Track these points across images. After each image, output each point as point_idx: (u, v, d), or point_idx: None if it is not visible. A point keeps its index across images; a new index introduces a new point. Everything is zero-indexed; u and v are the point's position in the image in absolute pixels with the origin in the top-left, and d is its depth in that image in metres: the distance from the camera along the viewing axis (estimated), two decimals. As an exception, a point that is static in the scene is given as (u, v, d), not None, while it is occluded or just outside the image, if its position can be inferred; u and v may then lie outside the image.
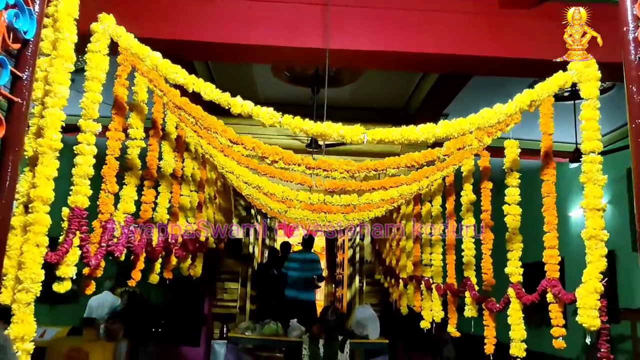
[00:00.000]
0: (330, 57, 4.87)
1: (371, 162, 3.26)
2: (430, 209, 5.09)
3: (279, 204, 4.73)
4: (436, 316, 4.79)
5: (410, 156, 3.19)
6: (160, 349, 8.17)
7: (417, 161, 3.17)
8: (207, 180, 5.54)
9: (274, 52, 4.97)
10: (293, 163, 3.16)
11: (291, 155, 3.17)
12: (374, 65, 5.69)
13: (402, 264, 5.88)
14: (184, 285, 8.21)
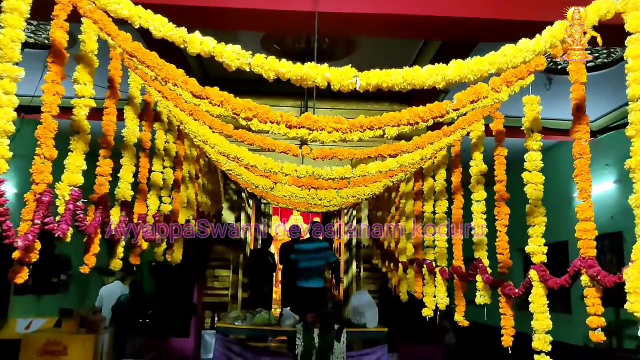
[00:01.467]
0: (320, 22, 4.24)
1: (367, 119, 2.60)
2: (433, 185, 4.44)
3: (263, 180, 4.07)
4: (441, 303, 4.14)
5: (414, 111, 2.53)
6: (148, 341, 7.54)
7: (421, 117, 2.51)
8: (185, 156, 4.88)
9: (258, 16, 4.35)
10: (271, 121, 2.50)
11: (268, 111, 2.50)
12: (368, 31, 5.02)
13: (401, 247, 5.23)
14: (172, 273, 7.64)
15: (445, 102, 2.57)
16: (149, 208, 4.06)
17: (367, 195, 4.31)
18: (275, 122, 2.48)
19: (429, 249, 4.48)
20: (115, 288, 8.41)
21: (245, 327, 6.53)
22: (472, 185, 3.64)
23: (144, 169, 3.78)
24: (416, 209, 4.78)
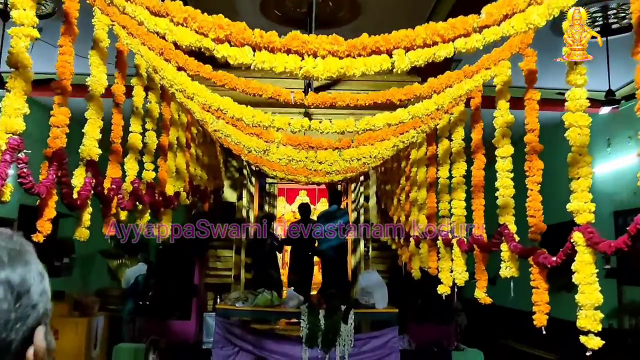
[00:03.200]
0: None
1: (370, 38, 1.99)
2: (449, 147, 3.82)
3: (254, 141, 3.48)
4: (459, 279, 3.54)
5: (431, 27, 1.92)
6: (148, 324, 7.00)
7: (440, 34, 1.90)
8: (172, 121, 4.29)
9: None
10: (248, 42, 1.90)
11: (244, 29, 1.90)
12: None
13: (412, 220, 4.63)
14: (172, 253, 7.12)
15: (470, 17, 1.95)
16: (127, 174, 3.50)
17: (374, 158, 3.69)
18: (251, 44, 1.87)
19: (444, 219, 3.88)
20: (140, 269, 8.09)
21: (246, 308, 5.99)
22: (497, 139, 3.02)
23: (117, 127, 3.20)
24: (429, 175, 4.17)
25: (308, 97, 2.69)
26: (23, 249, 0.75)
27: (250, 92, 2.60)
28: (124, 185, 3.45)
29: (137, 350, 6.22)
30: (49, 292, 0.76)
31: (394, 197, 5.46)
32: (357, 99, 2.69)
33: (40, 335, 0.72)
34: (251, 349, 5.80)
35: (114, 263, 10.16)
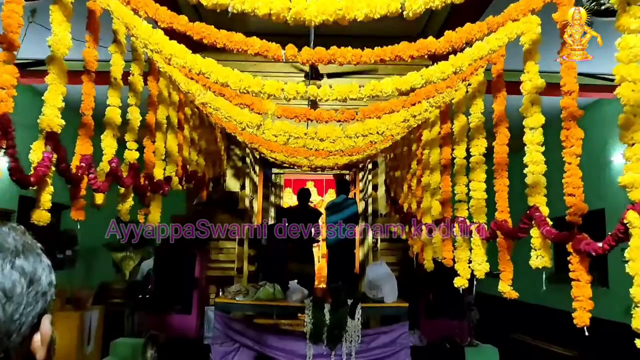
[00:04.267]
0: None
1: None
2: (466, 123, 3.34)
3: (247, 115, 3.02)
4: (478, 270, 3.06)
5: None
6: (147, 318, 6.60)
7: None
8: (161, 98, 3.85)
9: None
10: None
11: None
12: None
13: (425, 206, 4.15)
14: (172, 245, 6.71)
15: None
16: (104, 152, 3.06)
17: (382, 136, 3.20)
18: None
19: (461, 204, 3.40)
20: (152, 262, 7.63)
21: (247, 302, 5.54)
22: (525, 108, 2.53)
23: (87, 97, 2.76)
24: (444, 156, 3.69)
25: (302, 53, 2.22)
26: (34, 245, 0.79)
27: (234, 47, 2.14)
28: (101, 165, 3.02)
29: (135, 345, 5.81)
30: (54, 285, 0.79)
31: (404, 183, 4.98)
32: (361, 55, 2.21)
33: (47, 323, 0.76)
34: (252, 345, 5.37)
35: (118, 256, 9.78)
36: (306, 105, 4.65)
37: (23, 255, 0.73)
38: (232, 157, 7.24)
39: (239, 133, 3.77)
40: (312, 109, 3.54)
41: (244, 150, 7.04)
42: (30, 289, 0.72)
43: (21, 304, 0.70)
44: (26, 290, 0.71)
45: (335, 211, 7.17)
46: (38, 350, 0.74)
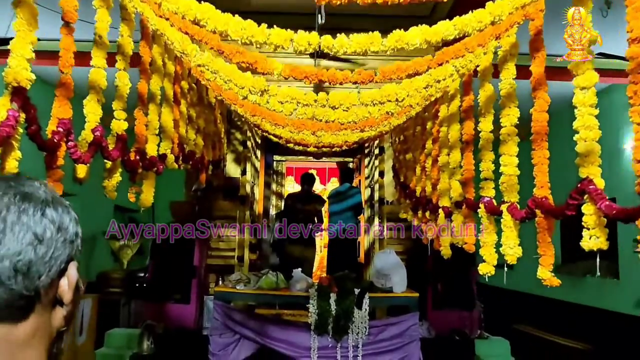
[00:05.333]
0: None
1: None
2: (493, 92, 2.94)
3: (249, 79, 2.59)
4: (510, 254, 2.66)
5: None
6: (144, 308, 6.20)
7: None
8: (154, 66, 3.44)
9: None
10: None
11: None
12: None
13: (442, 188, 3.74)
14: (170, 232, 6.31)
15: None
16: (87, 119, 2.65)
17: (400, 104, 2.76)
18: None
19: (487, 183, 2.99)
20: None
21: (248, 291, 5.15)
22: (574, 64, 2.12)
23: (65, 52, 2.34)
24: (465, 131, 3.28)
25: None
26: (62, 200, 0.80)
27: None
28: (83, 133, 2.61)
29: (131, 335, 5.43)
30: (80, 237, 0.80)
31: (417, 165, 4.57)
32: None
33: (74, 269, 0.77)
34: (253, 337, 4.97)
35: (116, 245, 9.42)
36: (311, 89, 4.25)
37: (52, 206, 0.76)
38: (232, 141, 6.83)
39: (239, 104, 3.35)
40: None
41: (245, 134, 6.63)
42: (59, 235, 0.75)
43: (50, 247, 0.73)
44: (55, 236, 0.74)
45: (339, 200, 6.79)
46: (65, 294, 0.77)
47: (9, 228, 0.70)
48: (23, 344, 0.71)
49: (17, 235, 0.70)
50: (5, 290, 0.68)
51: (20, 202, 0.72)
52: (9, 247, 0.69)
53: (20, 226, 0.71)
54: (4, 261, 0.69)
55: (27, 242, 0.71)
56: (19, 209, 0.72)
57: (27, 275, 0.70)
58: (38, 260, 0.71)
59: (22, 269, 0.69)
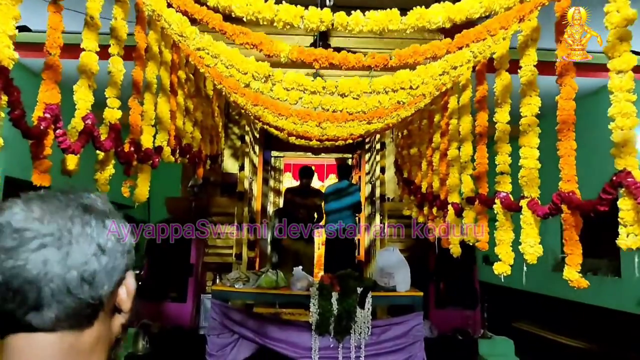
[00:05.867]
0: None
1: None
2: (510, 81, 2.74)
3: (252, 64, 2.38)
4: (530, 253, 2.46)
5: None
6: (139, 306, 5.98)
7: None
8: (150, 52, 3.23)
9: None
10: None
11: None
12: None
13: (452, 183, 3.55)
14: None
15: None
16: (77, 106, 2.43)
17: (414, 92, 2.56)
18: None
19: (504, 177, 2.80)
20: None
21: (247, 290, 4.94)
22: (610, 46, 1.92)
23: (52, 32, 2.13)
24: (479, 123, 3.09)
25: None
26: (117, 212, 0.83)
27: None
28: (73, 121, 2.40)
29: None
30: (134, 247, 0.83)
31: (423, 160, 4.37)
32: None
33: (132, 277, 0.80)
34: (252, 337, 4.77)
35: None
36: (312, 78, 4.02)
37: (111, 217, 0.78)
38: (230, 136, 6.62)
39: (240, 93, 3.14)
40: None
41: (243, 129, 6.42)
42: (119, 245, 0.77)
43: (112, 258, 0.75)
44: (115, 246, 0.76)
45: (339, 197, 6.58)
46: (123, 303, 0.79)
47: (75, 240, 0.71)
48: (89, 350, 0.74)
49: (82, 246, 0.72)
50: (73, 300, 0.70)
51: (83, 214, 0.74)
52: (76, 258, 0.71)
53: (85, 237, 0.72)
54: (71, 271, 0.70)
55: (91, 253, 0.72)
56: (83, 221, 0.73)
57: (92, 285, 0.72)
58: (101, 270, 0.73)
59: (88, 278, 0.71)
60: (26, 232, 0.70)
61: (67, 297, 0.70)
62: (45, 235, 0.70)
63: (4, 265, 0.68)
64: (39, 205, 0.73)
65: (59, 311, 0.70)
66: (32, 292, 0.68)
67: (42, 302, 0.69)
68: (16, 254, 0.69)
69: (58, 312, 0.70)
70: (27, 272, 0.68)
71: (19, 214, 0.71)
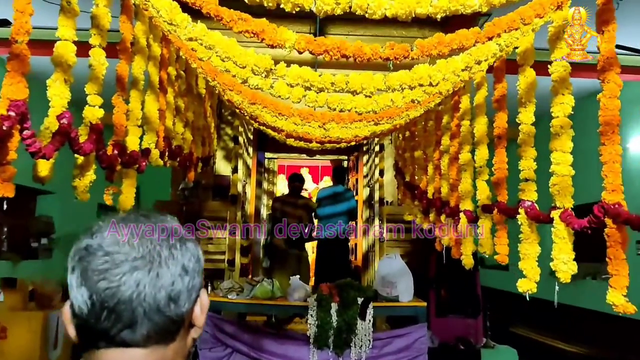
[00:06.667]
0: None
1: None
2: (534, 79, 2.46)
3: (252, 56, 2.07)
4: (564, 271, 2.17)
5: None
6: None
7: None
8: (137, 46, 2.90)
9: None
10: None
11: None
12: None
13: (464, 190, 3.25)
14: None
15: None
16: (51, 103, 2.10)
17: (432, 89, 2.27)
18: None
19: (528, 184, 2.50)
20: None
21: (241, 300, 4.61)
22: None
23: (21, 16, 1.80)
24: (498, 124, 2.79)
25: None
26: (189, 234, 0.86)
27: None
28: (46, 121, 2.07)
29: (111, 348, 4.85)
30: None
31: (429, 163, 4.07)
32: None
33: (205, 295, 0.84)
34: (247, 351, 4.44)
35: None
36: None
37: (189, 239, 0.83)
38: (222, 137, 6.29)
39: (237, 90, 2.82)
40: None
41: (236, 130, 6.09)
42: (197, 265, 0.82)
43: (192, 277, 0.80)
44: (195, 266, 0.81)
45: (334, 202, 6.26)
46: (197, 319, 0.84)
47: (164, 262, 0.76)
48: None
49: (170, 268, 0.77)
50: (161, 317, 0.75)
51: (168, 237, 0.79)
52: (165, 279, 0.76)
53: (172, 260, 0.78)
54: (161, 291, 0.75)
55: (177, 274, 0.77)
56: (169, 244, 0.79)
57: (177, 303, 0.77)
58: (184, 289, 0.78)
59: (174, 297, 0.76)
60: (117, 255, 0.74)
61: (157, 316, 0.74)
62: (136, 259, 0.74)
63: (98, 286, 0.72)
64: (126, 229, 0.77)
65: (149, 328, 0.74)
66: (127, 312, 0.72)
67: (135, 320, 0.73)
68: (110, 275, 0.72)
69: (149, 329, 0.74)
70: (121, 293, 0.72)
71: (109, 238, 0.75)
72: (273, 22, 1.95)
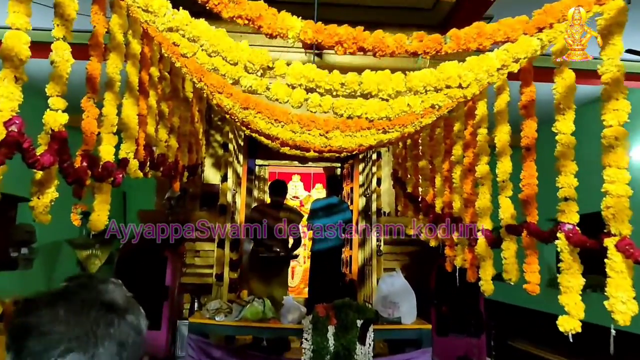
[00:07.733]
0: None
1: None
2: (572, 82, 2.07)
3: (246, 51, 1.67)
4: (621, 312, 1.78)
5: None
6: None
7: None
8: (115, 43, 2.47)
9: None
10: None
11: None
12: None
13: (482, 206, 2.84)
14: (138, 246, 5.33)
15: None
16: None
17: (461, 91, 1.89)
18: None
19: (569, 205, 2.11)
20: None
21: (229, 323, 4.17)
22: None
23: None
24: (527, 133, 2.40)
25: None
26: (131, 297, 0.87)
27: None
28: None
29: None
30: None
31: (437, 175, 3.66)
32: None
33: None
34: (236, 378, 4.02)
35: (83, 254, 8.26)
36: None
37: (130, 310, 0.82)
38: (212, 143, 5.85)
39: (226, 93, 2.40)
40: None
41: (226, 136, 5.66)
42: (138, 337, 0.81)
43: (132, 350, 0.79)
44: (135, 339, 0.80)
45: (327, 214, 5.82)
46: None
47: (100, 342, 0.76)
48: None
49: (106, 347, 0.76)
50: None
51: (106, 314, 0.78)
52: (101, 359, 0.75)
53: (109, 338, 0.77)
54: None
55: (115, 352, 0.77)
56: (107, 321, 0.78)
57: None
58: None
59: None
60: (53, 335, 0.73)
61: None
62: (71, 340, 0.73)
63: None
64: (64, 306, 0.76)
65: None
66: None
67: None
68: (46, 357, 0.72)
69: None
70: None
71: (45, 316, 0.75)
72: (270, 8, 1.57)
